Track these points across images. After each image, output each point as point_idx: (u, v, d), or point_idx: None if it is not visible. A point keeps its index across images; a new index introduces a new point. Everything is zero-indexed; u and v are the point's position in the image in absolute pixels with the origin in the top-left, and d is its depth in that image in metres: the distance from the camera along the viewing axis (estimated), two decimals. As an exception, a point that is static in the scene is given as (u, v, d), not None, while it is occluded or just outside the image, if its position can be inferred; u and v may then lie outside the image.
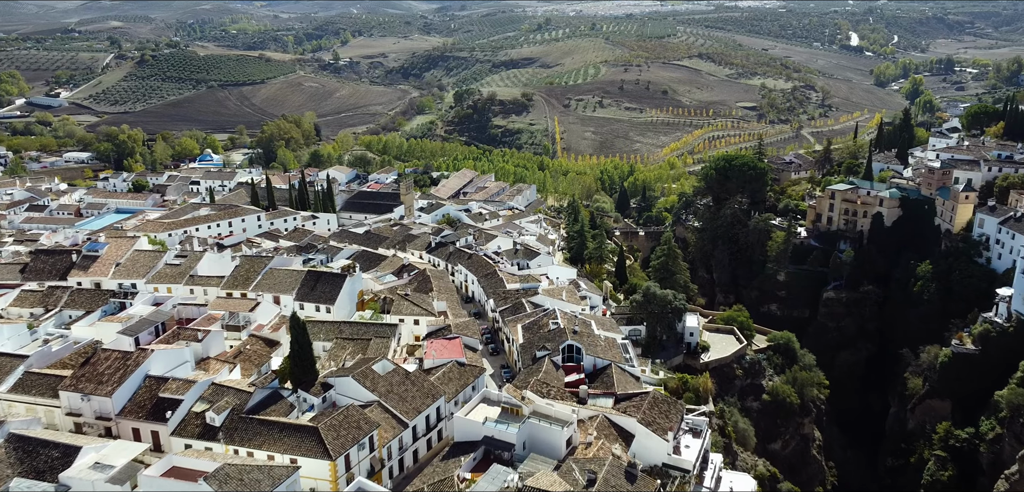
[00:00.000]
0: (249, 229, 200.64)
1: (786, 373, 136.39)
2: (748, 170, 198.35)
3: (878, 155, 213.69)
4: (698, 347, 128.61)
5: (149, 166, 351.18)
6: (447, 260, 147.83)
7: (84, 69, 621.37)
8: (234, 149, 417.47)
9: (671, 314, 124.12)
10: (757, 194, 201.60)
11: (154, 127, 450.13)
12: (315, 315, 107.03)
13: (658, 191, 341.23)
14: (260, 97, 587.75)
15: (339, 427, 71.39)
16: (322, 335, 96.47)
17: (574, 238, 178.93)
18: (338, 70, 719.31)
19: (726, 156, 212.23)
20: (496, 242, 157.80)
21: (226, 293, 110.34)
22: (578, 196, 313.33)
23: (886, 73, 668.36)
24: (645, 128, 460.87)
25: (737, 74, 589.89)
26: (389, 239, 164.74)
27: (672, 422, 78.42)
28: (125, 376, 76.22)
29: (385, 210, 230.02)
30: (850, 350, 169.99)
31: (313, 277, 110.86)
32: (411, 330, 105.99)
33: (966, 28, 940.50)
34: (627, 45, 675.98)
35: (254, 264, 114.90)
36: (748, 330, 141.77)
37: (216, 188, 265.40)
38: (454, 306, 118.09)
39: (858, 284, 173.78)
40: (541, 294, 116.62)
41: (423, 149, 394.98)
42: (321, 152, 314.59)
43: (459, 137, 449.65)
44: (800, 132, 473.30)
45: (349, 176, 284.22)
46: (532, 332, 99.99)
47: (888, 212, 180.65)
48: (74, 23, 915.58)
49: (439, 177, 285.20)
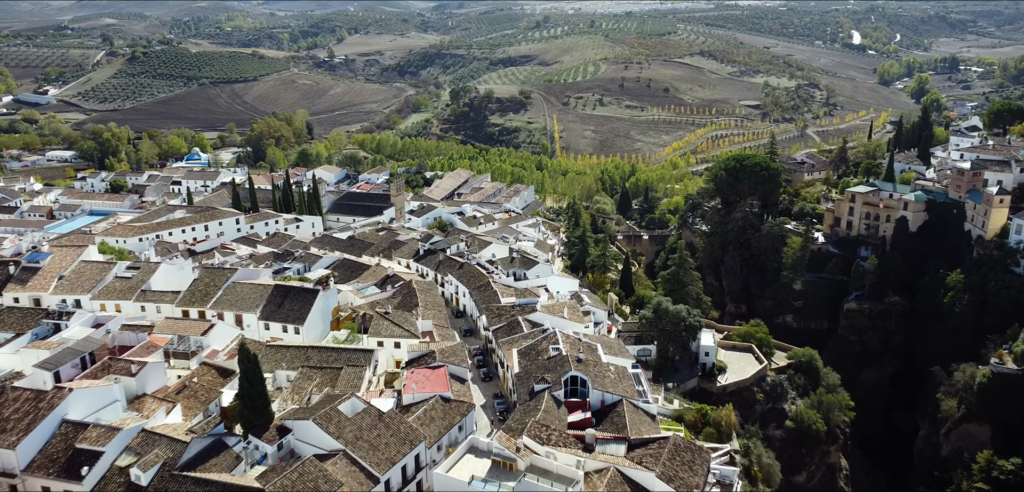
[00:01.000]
0: (227, 233, 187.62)
1: (810, 396, 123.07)
2: (760, 170, 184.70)
3: (898, 155, 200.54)
4: (715, 368, 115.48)
5: (134, 165, 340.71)
6: (436, 270, 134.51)
7: (74, 66, 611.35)
8: (223, 148, 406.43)
9: (685, 332, 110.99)
10: (770, 196, 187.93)
11: (143, 125, 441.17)
12: (283, 337, 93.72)
13: (661, 192, 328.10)
14: (252, 95, 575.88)
15: (292, 490, 58.11)
16: (286, 362, 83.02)
17: (575, 244, 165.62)
18: (333, 67, 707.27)
19: (736, 156, 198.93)
20: (490, 249, 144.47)
21: (182, 311, 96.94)
22: (578, 197, 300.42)
23: (890, 72, 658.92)
24: (646, 127, 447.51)
25: (739, 72, 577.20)
26: (374, 245, 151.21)
27: (697, 476, 65.19)
28: (36, 421, 62.91)
29: (375, 212, 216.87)
30: (874, 366, 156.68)
31: (281, 293, 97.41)
32: (391, 354, 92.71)
33: (968, 27, 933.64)
34: (627, 42, 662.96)
35: (215, 277, 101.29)
36: (767, 347, 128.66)
37: (198, 189, 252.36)
38: (442, 323, 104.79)
39: (882, 294, 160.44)
40: (540, 311, 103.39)
41: (418, 148, 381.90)
42: (310, 151, 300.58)
43: (455, 136, 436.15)
44: (805, 131, 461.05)
45: (338, 176, 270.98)
46: (530, 359, 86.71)
47: (913, 216, 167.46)
48: (67, 20, 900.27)
49: (433, 177, 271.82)
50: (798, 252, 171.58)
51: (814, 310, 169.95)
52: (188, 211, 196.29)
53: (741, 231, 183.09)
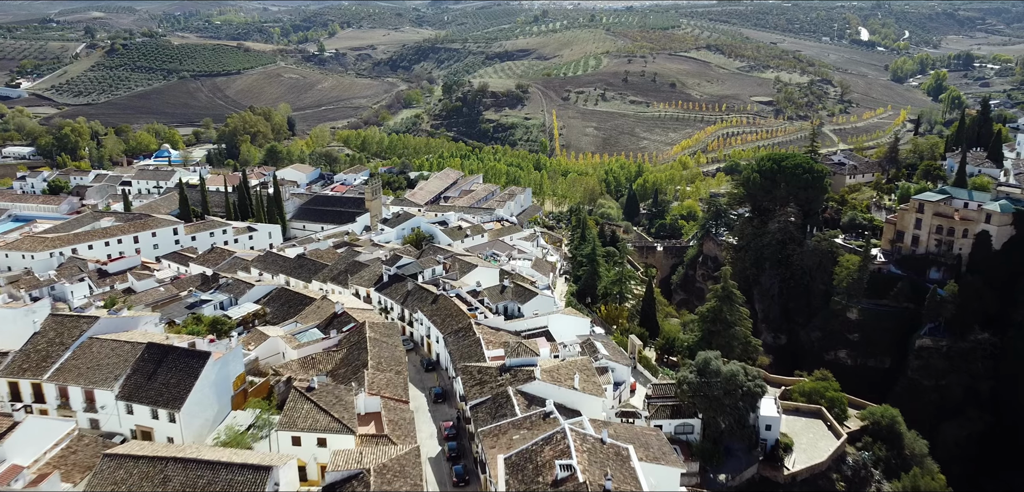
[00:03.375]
0: (163, 246, 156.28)
1: (902, 478, 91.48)
2: (802, 173, 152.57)
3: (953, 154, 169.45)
4: (779, 447, 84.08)
5: (95, 163, 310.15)
6: (403, 303, 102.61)
7: (52, 59, 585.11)
8: (198, 144, 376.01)
9: (742, 402, 79.47)
10: (813, 204, 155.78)
11: (117, 119, 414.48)
12: (153, 426, 61.98)
13: (671, 194, 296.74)
14: (234, 89, 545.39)
15: None
16: (130, 481, 51.30)
17: (582, 264, 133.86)
18: (322, 62, 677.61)
19: (772, 155, 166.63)
20: (476, 274, 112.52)
21: (7, 382, 65.26)
22: (580, 201, 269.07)
23: (903, 68, 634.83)
24: (652, 123, 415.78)
25: (748, 67, 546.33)
26: (329, 267, 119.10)
27: None
28: None
29: (346, 219, 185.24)
30: (957, 421, 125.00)
31: (155, 356, 65.56)
32: (313, 454, 60.97)
33: (977, 24, 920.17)
34: (629, 36, 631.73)
35: (65, 329, 69.53)
36: (840, 408, 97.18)
37: (148, 190, 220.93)
38: (399, 395, 72.96)
39: (964, 329, 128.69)
40: (539, 378, 71.80)
41: (405, 145, 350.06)
42: (279, 148, 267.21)
43: (446, 132, 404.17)
44: (821, 129, 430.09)
45: (311, 176, 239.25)
46: (525, 476, 54.96)
47: (998, 231, 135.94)
48: (55, 14, 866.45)
49: (417, 178, 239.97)
50: (854, 274, 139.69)
51: (874, 345, 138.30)
52: (118, 219, 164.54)
53: (780, 246, 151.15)
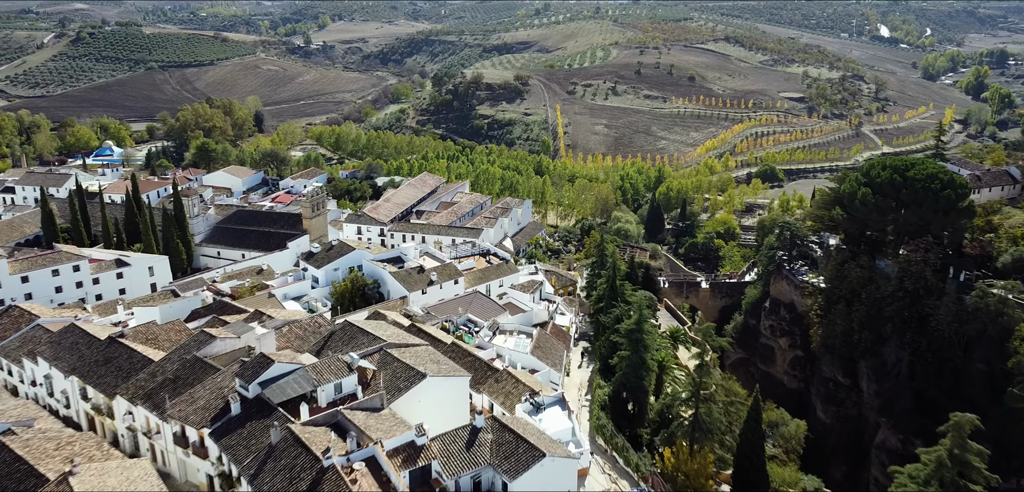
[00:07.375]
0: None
1: None
2: (941, 188, 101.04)
3: None
4: None
5: (16, 161, 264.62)
6: (253, 475, 50.49)
7: (17, 49, 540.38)
8: (152, 141, 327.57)
9: None
10: (955, 234, 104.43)
11: (70, 112, 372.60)
12: None
13: (699, 205, 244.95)
14: (205, 81, 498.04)
15: None
16: None
17: (620, 344, 79.66)
18: (308, 54, 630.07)
19: (892, 162, 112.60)
20: (421, 393, 60.63)
21: None
22: (591, 213, 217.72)
23: (934, 65, 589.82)
24: (671, 121, 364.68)
25: (772, 61, 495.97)
26: (150, 369, 65.71)
27: None
28: None
29: (276, 243, 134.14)
30: None
31: None
32: None
33: (999, 22, 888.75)
34: (639, 27, 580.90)
35: None
36: None
37: (26, 199, 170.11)
38: None
39: None
40: None
41: (385, 143, 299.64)
42: (212, 146, 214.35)
43: (434, 129, 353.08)
44: (860, 129, 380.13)
45: (250, 181, 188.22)
46: None
47: None
48: (35, 5, 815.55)
49: (386, 185, 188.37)
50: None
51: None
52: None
53: (910, 299, 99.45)
